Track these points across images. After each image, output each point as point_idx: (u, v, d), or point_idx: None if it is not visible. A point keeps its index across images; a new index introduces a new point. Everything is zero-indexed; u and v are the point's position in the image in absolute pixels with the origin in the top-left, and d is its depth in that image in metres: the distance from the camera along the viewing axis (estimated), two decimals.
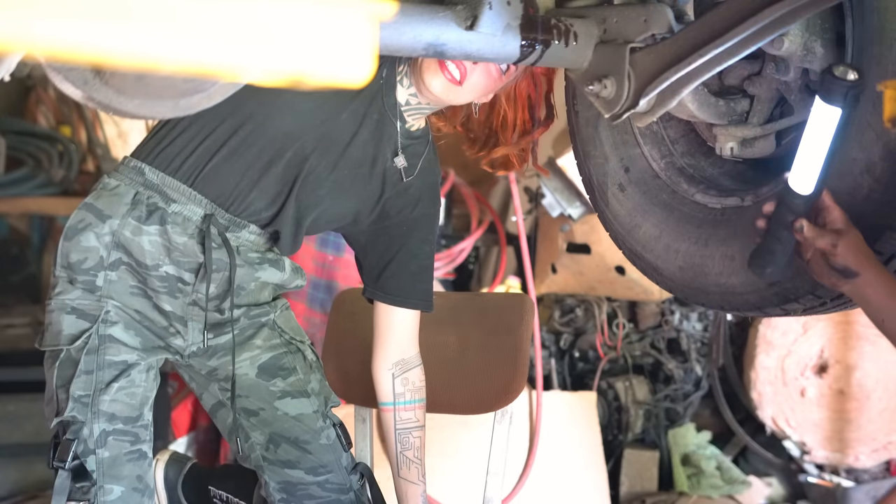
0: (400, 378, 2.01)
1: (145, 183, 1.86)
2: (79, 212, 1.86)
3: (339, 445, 1.98)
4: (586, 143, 1.91)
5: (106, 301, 1.85)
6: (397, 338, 2.00)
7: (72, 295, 1.84)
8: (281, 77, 0.66)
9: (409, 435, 2.02)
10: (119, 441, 1.81)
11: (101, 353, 1.82)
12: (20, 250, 5.03)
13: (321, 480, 1.94)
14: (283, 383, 1.96)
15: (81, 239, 1.84)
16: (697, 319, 3.85)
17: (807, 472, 3.87)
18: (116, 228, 1.84)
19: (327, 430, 1.97)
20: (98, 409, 1.80)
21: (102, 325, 1.83)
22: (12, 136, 4.15)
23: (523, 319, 2.18)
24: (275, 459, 1.95)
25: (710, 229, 1.71)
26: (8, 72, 1.34)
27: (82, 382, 1.80)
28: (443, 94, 1.85)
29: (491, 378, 2.16)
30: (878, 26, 1.42)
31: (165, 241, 1.85)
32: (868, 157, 1.44)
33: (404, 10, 1.49)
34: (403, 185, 1.95)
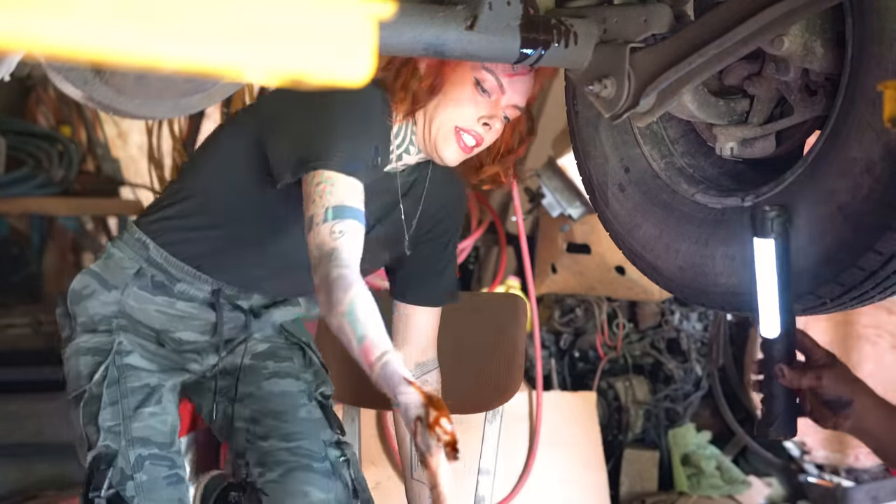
0: (420, 381, 1.98)
1: (149, 260, 1.89)
2: (83, 276, 1.90)
3: (322, 422, 1.94)
4: (586, 143, 1.91)
5: (118, 334, 1.87)
6: (418, 339, 2.02)
7: (83, 338, 1.87)
8: (281, 77, 0.66)
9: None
10: (156, 466, 1.81)
11: (123, 382, 1.83)
12: (20, 250, 5.03)
13: (292, 446, 1.90)
14: (275, 366, 1.97)
15: (88, 305, 1.88)
16: (697, 319, 3.85)
17: (807, 472, 3.87)
18: (121, 298, 1.87)
19: (309, 406, 1.94)
20: (131, 436, 1.81)
21: (118, 357, 1.84)
22: (12, 136, 4.15)
23: (517, 319, 2.18)
24: (254, 437, 1.93)
25: (710, 229, 1.71)
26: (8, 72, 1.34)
27: (109, 413, 1.82)
28: (453, 161, 1.85)
29: (486, 378, 2.16)
30: (878, 26, 1.42)
31: (175, 311, 1.90)
32: (868, 157, 1.44)
33: (404, 10, 1.49)
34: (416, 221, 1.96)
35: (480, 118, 1.81)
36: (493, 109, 1.82)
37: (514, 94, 1.82)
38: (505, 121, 1.85)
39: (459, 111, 1.81)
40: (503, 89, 1.81)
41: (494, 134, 1.85)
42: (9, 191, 4.05)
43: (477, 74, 1.79)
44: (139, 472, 1.79)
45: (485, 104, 1.81)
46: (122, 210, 4.20)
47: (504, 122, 1.85)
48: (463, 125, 1.81)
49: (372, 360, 1.51)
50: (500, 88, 1.81)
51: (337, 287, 1.57)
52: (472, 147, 1.83)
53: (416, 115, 1.84)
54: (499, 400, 2.16)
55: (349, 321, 1.55)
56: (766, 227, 1.45)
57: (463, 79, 1.80)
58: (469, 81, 1.80)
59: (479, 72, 1.79)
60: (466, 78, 1.80)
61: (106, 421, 1.81)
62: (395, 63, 1.82)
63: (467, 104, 1.80)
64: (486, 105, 1.81)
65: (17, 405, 3.31)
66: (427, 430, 1.39)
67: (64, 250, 5.22)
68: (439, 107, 1.82)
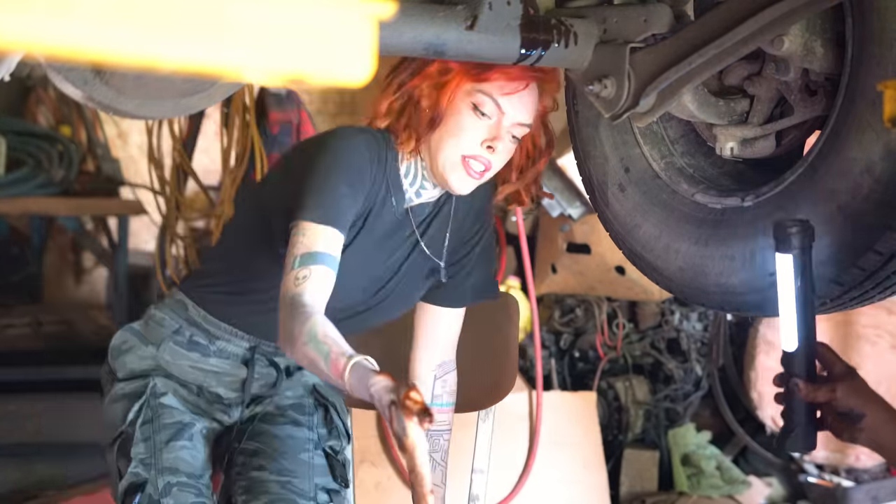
0: (440, 380, 2.03)
1: (188, 319, 1.95)
2: (123, 333, 1.98)
3: (322, 469, 1.93)
4: (586, 143, 1.91)
5: (153, 378, 1.93)
6: (441, 339, 2.03)
7: (120, 385, 1.94)
8: (281, 77, 0.66)
9: (440, 437, 2.04)
10: (183, 492, 1.83)
11: (157, 420, 1.88)
12: (20, 250, 5.03)
13: (283, 480, 1.89)
14: (294, 415, 1.98)
15: (126, 360, 1.95)
16: (697, 319, 3.84)
17: (807, 472, 3.87)
18: (157, 353, 1.93)
19: (313, 453, 1.94)
20: (161, 466, 1.84)
21: (152, 398, 1.90)
22: (12, 136, 4.15)
23: (510, 318, 2.18)
24: (249, 467, 1.93)
25: (710, 229, 1.71)
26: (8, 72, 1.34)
27: (142, 447, 1.86)
28: (465, 189, 1.84)
29: (479, 377, 2.15)
30: (878, 26, 1.42)
31: (208, 367, 1.94)
32: (868, 157, 1.44)
33: (404, 10, 1.49)
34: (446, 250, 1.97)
35: (484, 142, 1.79)
36: (494, 131, 1.79)
37: (515, 111, 1.80)
38: (514, 140, 1.82)
39: (462, 139, 1.79)
40: (501, 109, 1.79)
41: (504, 155, 1.82)
42: (9, 191, 4.04)
43: (473, 99, 1.78)
44: (167, 496, 1.81)
45: (486, 127, 1.79)
46: (122, 210, 4.20)
47: (514, 142, 1.83)
48: (468, 152, 1.79)
49: (341, 370, 1.53)
50: (499, 109, 1.79)
51: (295, 323, 1.61)
52: (482, 173, 1.81)
53: (422, 151, 1.84)
54: (491, 399, 2.17)
55: (311, 347, 1.57)
56: (787, 242, 1.45)
57: (460, 107, 1.79)
58: (467, 108, 1.79)
59: (474, 96, 1.78)
60: (464, 105, 1.79)
61: (138, 454, 1.85)
62: (396, 106, 1.83)
63: (468, 131, 1.79)
64: (488, 128, 1.79)
65: (17, 405, 3.31)
66: (401, 412, 1.40)
67: (64, 250, 5.22)
68: (442, 139, 1.80)
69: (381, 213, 1.87)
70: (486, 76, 1.76)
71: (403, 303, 1.98)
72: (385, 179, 1.84)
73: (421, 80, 1.80)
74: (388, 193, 1.85)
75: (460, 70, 1.77)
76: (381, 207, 1.86)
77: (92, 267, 5.21)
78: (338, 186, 1.75)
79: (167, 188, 3.71)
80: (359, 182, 1.79)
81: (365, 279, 1.91)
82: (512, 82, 1.77)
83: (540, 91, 1.83)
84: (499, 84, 1.77)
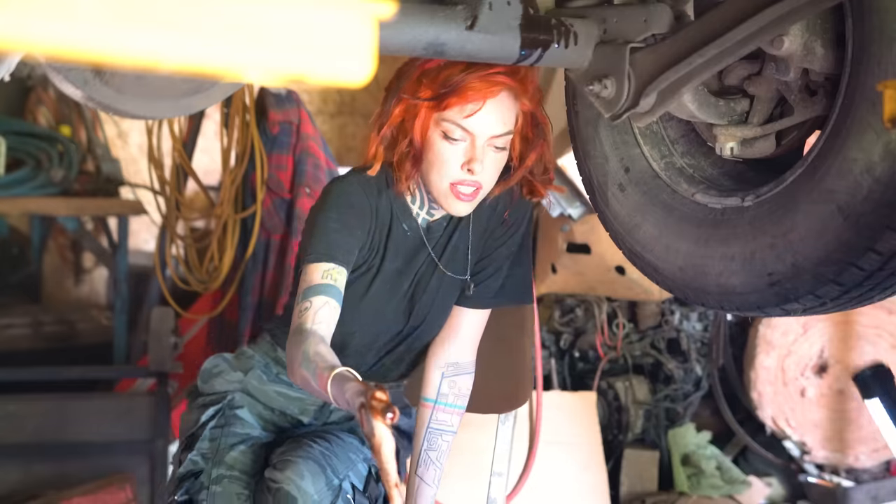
0: (449, 380, 2.05)
1: (276, 358, 2.05)
2: (214, 358, 2.10)
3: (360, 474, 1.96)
4: (586, 143, 1.91)
5: (231, 393, 2.03)
6: (457, 338, 2.06)
7: (200, 398, 2.05)
8: (281, 77, 0.66)
9: (440, 437, 2.05)
10: (233, 483, 1.90)
11: (227, 427, 1.98)
12: (20, 250, 5.03)
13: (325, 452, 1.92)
14: (355, 427, 2.05)
15: (215, 382, 2.05)
16: (697, 319, 3.85)
17: (807, 472, 3.87)
18: (244, 378, 2.04)
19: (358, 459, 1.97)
20: (220, 460, 1.93)
21: (228, 408, 2.00)
22: (12, 137, 4.14)
23: (527, 321, 2.18)
24: (296, 439, 1.97)
25: (710, 229, 1.71)
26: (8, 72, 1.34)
27: (207, 444, 1.96)
28: (465, 212, 1.90)
29: (499, 380, 2.16)
30: (878, 26, 1.42)
31: (294, 394, 2.03)
32: (868, 157, 1.44)
33: (404, 10, 1.49)
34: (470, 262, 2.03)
35: (463, 165, 1.85)
36: (470, 153, 1.85)
37: (484, 128, 1.84)
38: (499, 150, 1.87)
39: (442, 168, 1.86)
40: (469, 131, 1.84)
41: (491, 169, 1.88)
42: (9, 191, 4.04)
43: (441, 129, 1.84)
44: (216, 485, 1.90)
45: (462, 151, 1.85)
46: (122, 210, 4.20)
47: (499, 152, 1.87)
48: (453, 179, 1.86)
49: (324, 382, 1.61)
50: (466, 132, 1.84)
51: (294, 349, 1.74)
52: (474, 193, 1.87)
53: (420, 183, 1.92)
54: (512, 404, 2.18)
55: (304, 367, 1.69)
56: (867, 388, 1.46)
57: (433, 138, 1.86)
58: (439, 137, 1.85)
59: (441, 125, 1.84)
60: (436, 135, 1.85)
61: (201, 449, 1.95)
62: (382, 149, 1.90)
63: (446, 159, 1.85)
64: (464, 151, 1.85)
65: (16, 405, 3.31)
66: (369, 413, 1.48)
67: (64, 250, 5.22)
68: (428, 172, 1.88)
69: (398, 239, 1.95)
70: (445, 104, 1.82)
71: (442, 318, 2.05)
72: (390, 208, 1.94)
73: (394, 120, 1.88)
74: (398, 220, 1.94)
75: (424, 104, 1.84)
76: (397, 234, 1.95)
77: (92, 267, 5.21)
78: (328, 224, 1.86)
79: (167, 188, 3.71)
80: (352, 216, 1.89)
81: (395, 302, 1.98)
82: (469, 104, 1.82)
83: (514, 95, 1.86)
84: (458, 108, 1.83)
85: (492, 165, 1.87)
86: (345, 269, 1.84)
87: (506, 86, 1.83)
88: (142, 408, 3.34)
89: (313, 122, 3.52)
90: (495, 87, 1.82)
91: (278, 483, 1.82)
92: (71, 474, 3.29)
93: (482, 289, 2.03)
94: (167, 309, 3.48)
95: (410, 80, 1.86)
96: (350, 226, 1.88)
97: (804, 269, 1.53)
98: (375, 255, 1.95)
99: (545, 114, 1.95)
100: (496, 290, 2.04)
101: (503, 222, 2.01)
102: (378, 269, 1.95)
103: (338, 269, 1.83)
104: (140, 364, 3.86)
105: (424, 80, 1.84)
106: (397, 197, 1.94)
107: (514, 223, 2.03)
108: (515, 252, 2.05)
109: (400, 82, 1.88)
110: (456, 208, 1.88)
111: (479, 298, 2.04)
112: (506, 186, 1.96)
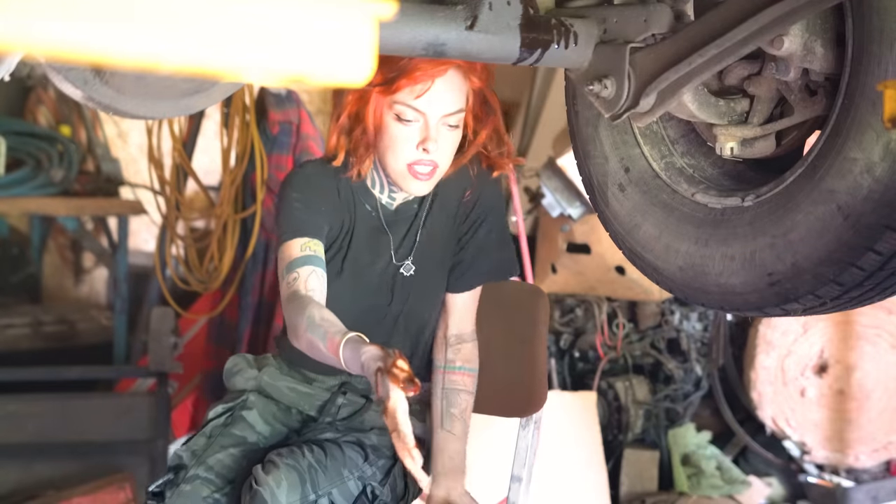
0: (453, 348, 2.12)
1: (290, 362, 2.11)
2: (235, 357, 2.18)
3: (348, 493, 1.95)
4: (586, 143, 1.91)
5: (247, 393, 2.09)
6: (454, 316, 2.13)
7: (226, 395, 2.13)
8: (281, 77, 0.66)
9: (457, 395, 2.09)
10: (204, 486, 1.91)
11: (228, 427, 2.02)
12: (20, 250, 5.03)
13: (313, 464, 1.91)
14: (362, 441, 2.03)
15: (235, 381, 2.13)
16: (697, 319, 3.85)
17: (807, 472, 3.87)
18: (258, 375, 2.10)
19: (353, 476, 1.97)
20: (203, 459, 1.95)
21: (238, 408, 2.06)
22: (12, 137, 4.14)
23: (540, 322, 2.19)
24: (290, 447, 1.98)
25: (710, 229, 1.71)
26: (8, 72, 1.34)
27: (202, 440, 2.00)
28: (424, 191, 1.96)
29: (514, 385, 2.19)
30: (878, 26, 1.42)
31: (304, 389, 2.09)
32: (868, 157, 1.44)
33: (404, 10, 1.49)
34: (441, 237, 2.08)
35: (418, 146, 1.90)
36: (424, 133, 1.90)
37: (435, 107, 1.89)
38: (453, 128, 1.92)
39: (397, 150, 1.91)
40: (420, 111, 1.89)
41: (446, 147, 1.92)
42: (9, 191, 4.04)
43: (394, 111, 1.90)
44: (186, 484, 1.91)
45: (415, 132, 1.90)
46: (122, 210, 4.20)
47: (453, 129, 1.92)
48: (409, 160, 1.91)
49: (336, 345, 1.66)
50: (418, 111, 1.89)
51: (295, 315, 1.78)
52: (431, 172, 1.92)
53: (379, 167, 1.99)
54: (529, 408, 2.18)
55: (311, 332, 1.73)
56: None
57: (387, 121, 1.91)
58: (392, 120, 1.90)
59: (393, 108, 1.89)
60: (389, 118, 1.91)
61: (193, 445, 1.99)
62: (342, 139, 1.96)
63: (400, 141, 1.90)
64: (418, 131, 1.90)
65: (16, 405, 3.31)
66: (386, 377, 1.52)
67: (64, 250, 5.22)
68: (384, 155, 1.94)
69: (364, 218, 2.02)
70: (395, 87, 1.87)
71: (430, 296, 2.10)
72: (350, 190, 2.00)
73: (350, 109, 1.93)
74: (360, 201, 2.01)
75: (374, 90, 1.89)
76: (361, 213, 2.02)
77: (92, 267, 5.20)
78: (291, 205, 1.94)
79: (167, 188, 3.71)
80: (313, 194, 1.96)
81: (374, 277, 2.04)
82: (417, 84, 1.87)
83: (462, 73, 1.91)
84: (408, 90, 1.87)
85: (446, 144, 1.92)
86: (319, 241, 1.91)
87: (453, 64, 1.88)
88: (142, 408, 3.34)
89: (313, 122, 3.52)
90: (442, 65, 1.87)
91: (257, 485, 1.83)
92: (71, 474, 3.29)
93: (467, 270, 2.10)
94: (167, 309, 3.48)
95: None
96: (314, 203, 1.95)
97: (804, 269, 1.53)
98: (345, 235, 2.01)
99: (493, 91, 2.00)
100: (483, 271, 2.11)
101: (467, 201, 2.07)
102: (348, 248, 2.01)
103: (313, 241, 1.90)
104: (140, 364, 3.86)
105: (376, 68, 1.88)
106: (356, 181, 2.00)
107: (484, 198, 2.07)
108: (496, 231, 2.11)
109: None
110: (414, 187, 1.94)
111: (466, 280, 2.11)
112: (460, 163, 2.01)
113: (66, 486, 3.23)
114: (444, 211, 2.07)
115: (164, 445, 3.33)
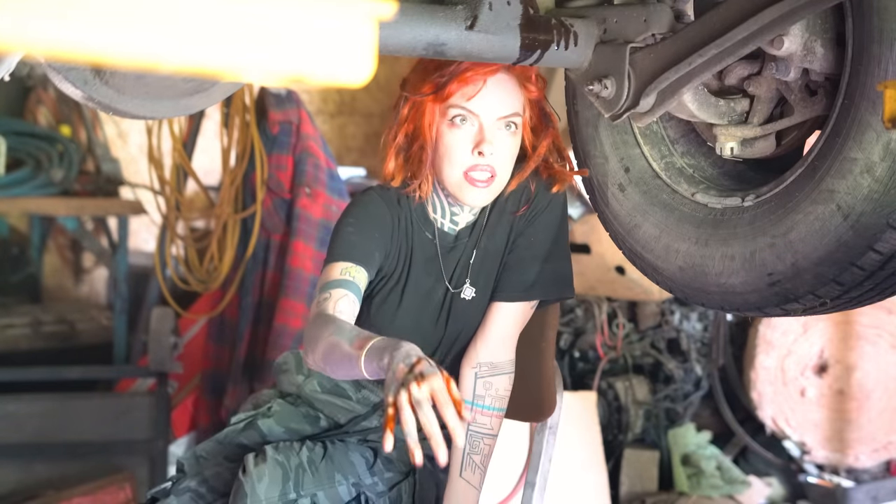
0: (483, 381, 1.94)
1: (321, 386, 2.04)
2: (287, 354, 2.12)
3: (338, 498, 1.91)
4: (586, 143, 1.91)
5: (274, 401, 2.03)
6: (490, 337, 1.94)
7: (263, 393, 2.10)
8: (281, 77, 0.66)
9: (481, 441, 1.95)
10: (194, 501, 1.89)
11: (241, 432, 1.97)
12: (20, 250, 5.03)
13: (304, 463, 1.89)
14: (370, 447, 1.99)
15: (282, 380, 2.07)
16: (697, 319, 3.85)
17: (807, 472, 3.87)
18: (301, 383, 2.03)
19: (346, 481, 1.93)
20: (201, 470, 1.92)
21: (259, 417, 2.00)
22: (12, 137, 4.14)
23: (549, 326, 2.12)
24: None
25: (710, 229, 1.71)
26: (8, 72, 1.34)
27: (211, 446, 1.96)
28: (482, 201, 1.87)
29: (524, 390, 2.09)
30: (878, 26, 1.42)
31: (340, 403, 2.01)
32: (868, 157, 1.44)
33: (404, 10, 1.49)
34: (501, 260, 1.97)
35: (474, 149, 1.82)
36: (479, 135, 1.82)
37: (489, 108, 1.82)
38: (508, 132, 1.83)
39: (454, 156, 1.83)
40: (474, 112, 1.82)
41: (505, 151, 1.83)
42: (9, 191, 4.04)
43: (448, 117, 1.83)
44: (176, 496, 1.88)
45: (469, 135, 1.82)
46: (122, 210, 4.20)
47: (510, 133, 1.83)
48: (465, 166, 1.82)
49: (363, 340, 1.57)
50: (472, 113, 1.82)
51: (319, 329, 1.69)
52: (489, 179, 1.83)
53: (435, 184, 1.90)
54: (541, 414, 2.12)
55: (338, 336, 1.63)
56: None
57: (442, 130, 1.84)
58: (446, 127, 1.83)
59: (447, 114, 1.83)
60: (443, 126, 1.84)
61: (204, 449, 1.96)
62: (399, 163, 1.90)
63: (456, 146, 1.83)
64: (472, 135, 1.82)
65: (16, 405, 3.31)
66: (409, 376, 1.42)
67: (64, 250, 5.22)
68: (441, 166, 1.85)
69: (423, 246, 1.94)
70: (447, 92, 1.81)
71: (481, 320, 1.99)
72: (410, 217, 1.93)
73: (407, 126, 1.87)
74: (420, 228, 1.93)
75: (428, 99, 1.83)
76: (421, 242, 1.94)
77: (92, 267, 5.20)
78: (345, 230, 1.87)
79: (167, 188, 3.71)
80: (369, 221, 1.88)
81: (431, 309, 1.95)
82: (469, 85, 1.81)
83: (516, 78, 1.84)
84: (460, 93, 1.81)
85: (503, 149, 1.83)
86: (363, 268, 1.82)
87: (504, 68, 1.82)
88: (142, 408, 3.34)
89: (313, 122, 3.52)
90: (493, 67, 1.80)
91: (244, 474, 1.81)
92: (71, 474, 3.29)
93: (513, 279, 1.94)
94: (167, 309, 3.49)
95: (412, 83, 1.86)
96: (367, 230, 1.87)
97: (804, 269, 1.53)
98: (403, 265, 1.92)
99: (551, 105, 1.92)
100: (529, 284, 1.93)
101: (524, 215, 1.93)
102: (407, 278, 1.92)
103: (356, 267, 1.81)
104: (140, 364, 3.86)
105: (425, 79, 1.84)
106: (417, 206, 1.93)
107: (542, 213, 1.94)
108: (550, 245, 1.94)
109: (404, 90, 1.88)
110: (471, 197, 1.84)
111: (510, 290, 1.94)
112: (522, 176, 1.90)
113: (66, 486, 3.23)
114: (500, 226, 1.94)
115: (164, 445, 3.33)
